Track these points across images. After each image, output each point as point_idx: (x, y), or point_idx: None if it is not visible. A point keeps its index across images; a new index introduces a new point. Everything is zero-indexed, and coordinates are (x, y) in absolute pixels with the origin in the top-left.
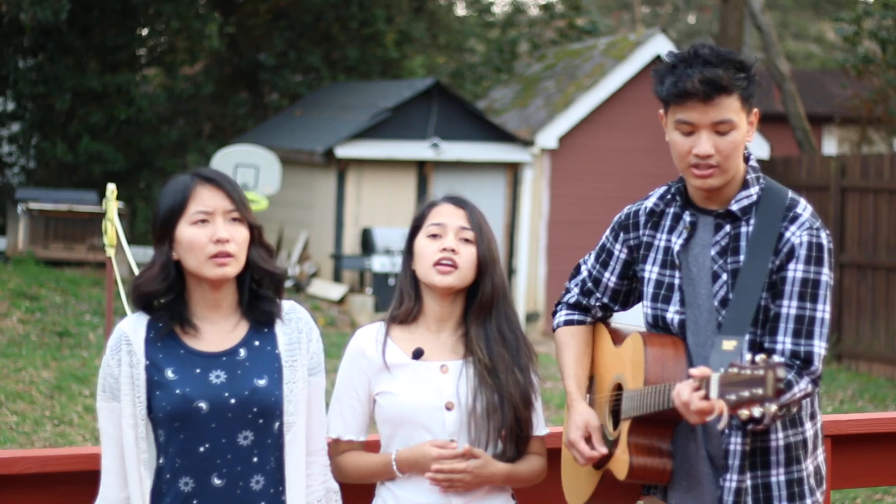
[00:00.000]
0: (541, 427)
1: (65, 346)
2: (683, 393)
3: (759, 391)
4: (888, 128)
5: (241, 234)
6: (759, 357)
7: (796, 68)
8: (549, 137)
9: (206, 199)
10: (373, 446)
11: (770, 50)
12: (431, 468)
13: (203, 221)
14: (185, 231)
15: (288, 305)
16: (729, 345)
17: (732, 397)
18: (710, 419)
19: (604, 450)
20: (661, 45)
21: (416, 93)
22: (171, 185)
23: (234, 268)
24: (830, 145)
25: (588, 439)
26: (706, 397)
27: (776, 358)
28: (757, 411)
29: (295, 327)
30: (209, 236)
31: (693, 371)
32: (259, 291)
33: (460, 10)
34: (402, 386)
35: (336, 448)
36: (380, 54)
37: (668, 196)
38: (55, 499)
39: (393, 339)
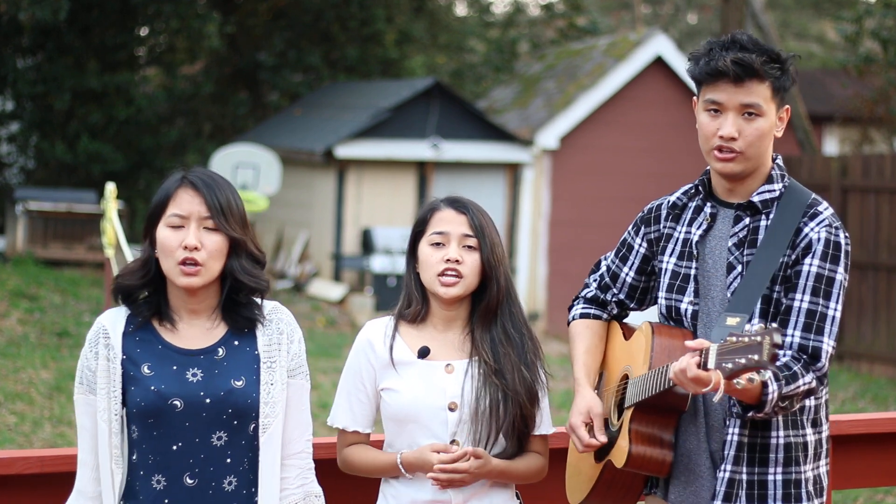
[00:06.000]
0: (545, 426)
1: (64, 347)
2: (682, 362)
3: (755, 356)
4: (889, 127)
5: (213, 243)
6: (757, 325)
7: (797, 68)
8: (549, 137)
9: (183, 203)
10: (377, 445)
11: None
12: (434, 469)
13: (178, 227)
14: (161, 232)
15: (271, 306)
16: (732, 320)
17: (729, 365)
18: (706, 390)
19: (603, 438)
20: (661, 45)
21: (416, 93)
22: (166, 181)
23: (201, 278)
24: (831, 145)
25: (589, 426)
26: (704, 367)
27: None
28: (754, 379)
29: (276, 328)
30: (179, 241)
31: (689, 343)
32: (238, 298)
33: (460, 10)
34: (407, 384)
35: (343, 440)
36: (380, 54)
37: (692, 190)
38: (54, 499)
39: (401, 336)
